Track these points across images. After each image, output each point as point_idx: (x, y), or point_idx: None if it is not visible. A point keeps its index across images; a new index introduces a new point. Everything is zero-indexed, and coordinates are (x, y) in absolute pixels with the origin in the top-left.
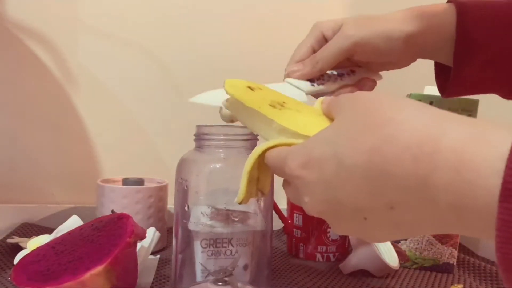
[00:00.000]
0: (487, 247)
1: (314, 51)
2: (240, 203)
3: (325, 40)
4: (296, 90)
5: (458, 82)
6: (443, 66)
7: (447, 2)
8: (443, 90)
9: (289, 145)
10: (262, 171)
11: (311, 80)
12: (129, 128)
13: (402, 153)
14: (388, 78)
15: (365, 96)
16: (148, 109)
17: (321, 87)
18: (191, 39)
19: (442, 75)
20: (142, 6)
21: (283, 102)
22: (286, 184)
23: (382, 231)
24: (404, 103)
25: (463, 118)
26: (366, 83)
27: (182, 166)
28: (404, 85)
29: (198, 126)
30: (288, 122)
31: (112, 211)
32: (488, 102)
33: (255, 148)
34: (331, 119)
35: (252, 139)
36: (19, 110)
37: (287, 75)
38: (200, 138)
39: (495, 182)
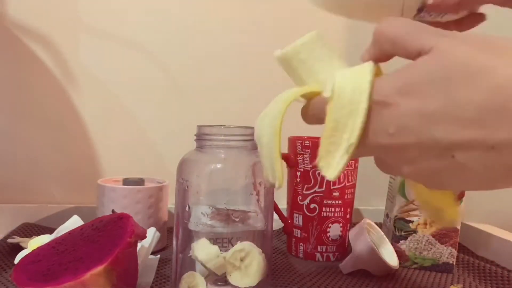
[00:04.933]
0: (487, 247)
1: None
2: (279, 187)
3: None
4: None
5: None
6: None
7: None
8: None
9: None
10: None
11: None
12: (129, 128)
13: None
14: None
15: (482, 36)
16: (149, 109)
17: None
18: (192, 39)
19: None
20: (142, 6)
21: None
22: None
23: (465, 174)
24: None
25: None
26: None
27: (183, 166)
28: None
29: (199, 127)
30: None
31: (113, 211)
32: None
33: (284, 97)
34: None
35: (253, 139)
36: (19, 110)
37: None
38: (201, 138)
39: None
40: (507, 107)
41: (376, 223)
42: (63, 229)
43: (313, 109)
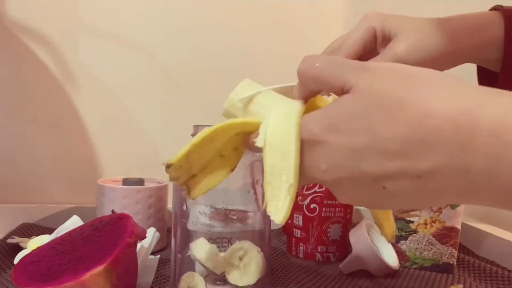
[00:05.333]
0: (487, 247)
1: (365, 49)
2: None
3: (375, 40)
4: None
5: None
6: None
7: (492, 9)
8: None
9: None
10: (237, 147)
11: None
12: (129, 128)
13: (444, 124)
14: None
15: (398, 68)
16: (148, 109)
17: None
18: (191, 39)
19: (486, 78)
20: (142, 6)
21: None
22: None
23: (397, 200)
24: (441, 77)
25: (501, 90)
26: None
27: None
28: None
29: (195, 127)
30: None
31: (112, 211)
32: None
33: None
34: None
35: None
36: (19, 110)
37: None
38: None
39: None
40: (425, 140)
41: None
42: (63, 229)
43: (252, 144)
